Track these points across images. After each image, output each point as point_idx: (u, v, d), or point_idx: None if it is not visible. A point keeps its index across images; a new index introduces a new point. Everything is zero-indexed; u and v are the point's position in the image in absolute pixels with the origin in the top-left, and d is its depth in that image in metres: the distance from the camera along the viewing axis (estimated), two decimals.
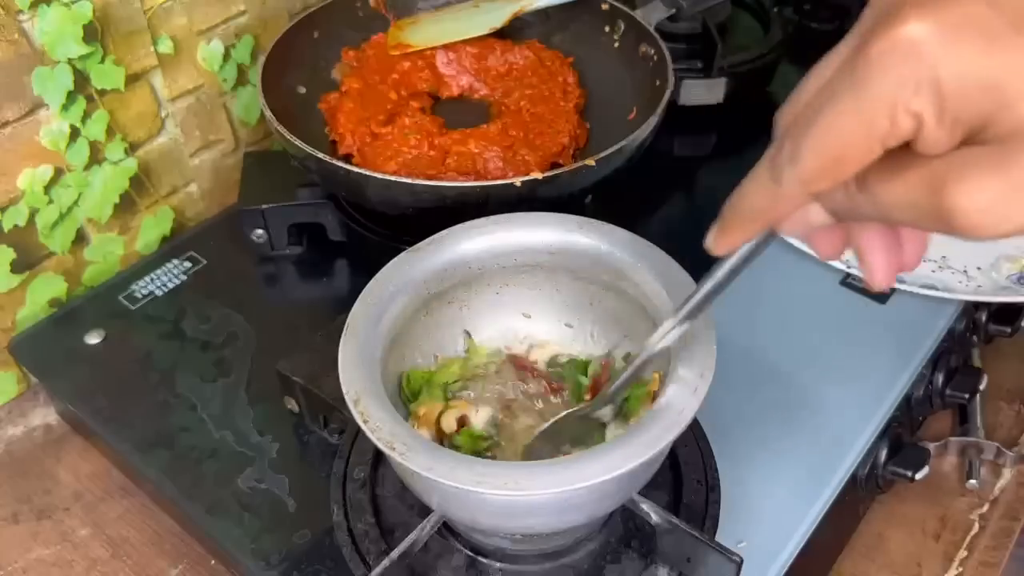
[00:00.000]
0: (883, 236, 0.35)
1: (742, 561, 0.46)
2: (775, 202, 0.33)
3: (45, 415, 0.71)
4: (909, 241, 0.36)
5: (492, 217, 0.53)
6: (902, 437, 0.62)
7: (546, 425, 0.50)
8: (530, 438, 0.50)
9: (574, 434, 0.49)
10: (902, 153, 0.30)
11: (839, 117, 0.29)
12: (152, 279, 0.72)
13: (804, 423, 0.59)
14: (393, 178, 0.64)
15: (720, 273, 0.39)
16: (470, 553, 0.51)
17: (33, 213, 0.69)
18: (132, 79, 0.72)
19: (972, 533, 0.63)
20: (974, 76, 0.27)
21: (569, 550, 0.51)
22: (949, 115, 0.28)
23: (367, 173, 0.64)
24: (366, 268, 0.50)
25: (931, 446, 0.66)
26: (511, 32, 0.82)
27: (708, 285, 0.40)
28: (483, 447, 0.50)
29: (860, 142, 0.29)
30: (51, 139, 0.68)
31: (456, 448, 0.49)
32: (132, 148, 0.74)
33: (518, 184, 0.63)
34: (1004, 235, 0.28)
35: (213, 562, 0.60)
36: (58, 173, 0.70)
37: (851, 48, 0.30)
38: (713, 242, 0.36)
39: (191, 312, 0.69)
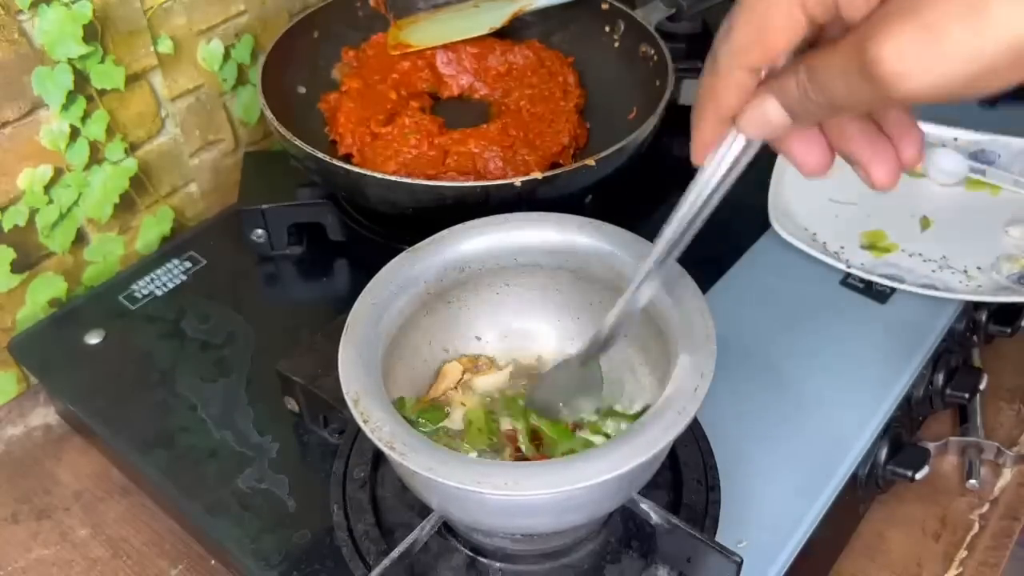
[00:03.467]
0: (867, 135, 0.36)
1: (742, 561, 0.46)
2: (716, 81, 0.35)
3: (45, 415, 0.71)
4: (901, 137, 0.37)
5: (492, 217, 0.53)
6: (902, 437, 0.62)
7: (544, 373, 0.51)
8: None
9: (571, 386, 0.50)
10: (836, 36, 0.31)
11: None
12: (152, 279, 0.72)
13: (804, 423, 0.59)
14: (393, 178, 0.64)
15: (699, 187, 0.39)
16: (470, 553, 0.51)
17: (33, 213, 0.69)
18: (132, 79, 0.72)
19: (972, 533, 0.63)
20: None
21: (569, 550, 0.51)
22: None
23: (367, 173, 0.64)
24: (366, 268, 0.50)
25: (931, 446, 0.66)
26: (511, 32, 0.82)
27: (691, 195, 0.39)
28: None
29: (781, 6, 0.32)
30: (51, 139, 0.68)
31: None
32: (132, 148, 0.74)
33: (518, 184, 0.63)
34: (928, 87, 0.29)
35: (213, 562, 0.60)
36: (58, 173, 0.70)
37: None
38: (693, 150, 0.38)
39: (191, 312, 0.69)
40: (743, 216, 0.71)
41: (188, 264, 0.73)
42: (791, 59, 0.34)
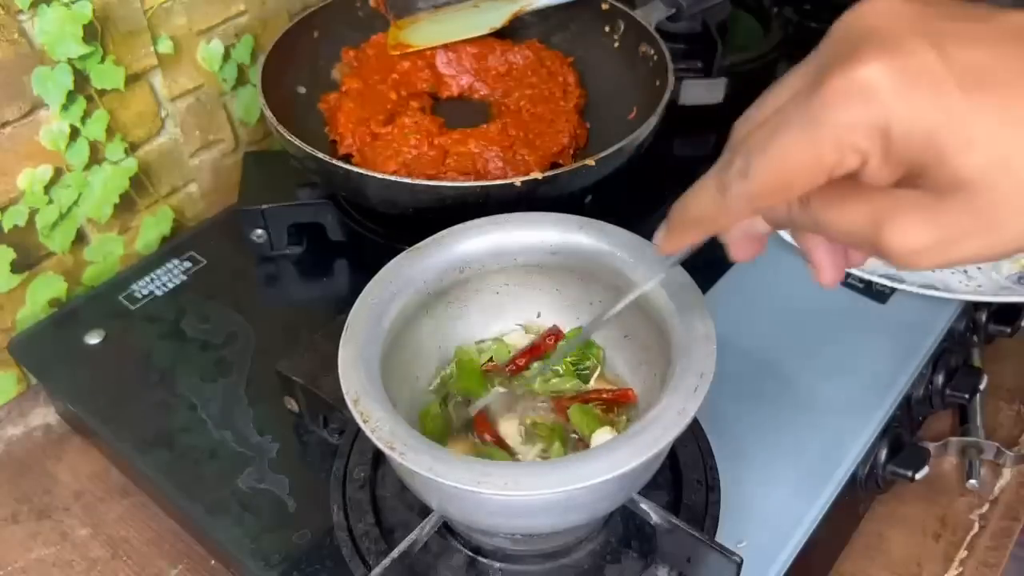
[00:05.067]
0: (826, 242, 0.37)
1: (742, 561, 0.46)
2: (720, 213, 0.35)
3: (45, 415, 0.71)
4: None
5: (492, 217, 0.53)
6: (902, 437, 0.62)
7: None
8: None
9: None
10: (844, 182, 0.31)
11: (790, 145, 0.31)
12: (152, 279, 0.72)
13: (804, 423, 0.59)
14: (393, 178, 0.64)
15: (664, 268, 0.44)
16: (470, 553, 0.51)
17: (33, 213, 0.69)
18: (132, 79, 0.72)
19: (972, 533, 0.63)
20: (919, 128, 0.29)
21: (569, 550, 0.51)
22: (893, 158, 0.29)
23: (367, 173, 0.64)
24: (366, 268, 0.50)
25: (931, 446, 0.66)
26: (511, 32, 0.82)
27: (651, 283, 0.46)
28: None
29: (807, 170, 0.31)
30: (51, 139, 0.68)
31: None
32: (132, 148, 0.74)
33: (518, 184, 0.63)
34: (930, 268, 0.32)
35: (213, 562, 0.60)
36: (58, 173, 0.70)
37: (808, 77, 0.32)
38: (661, 243, 0.39)
39: (191, 312, 0.69)
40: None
41: (188, 264, 0.73)
42: None
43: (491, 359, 0.54)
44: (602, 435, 0.50)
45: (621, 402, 0.52)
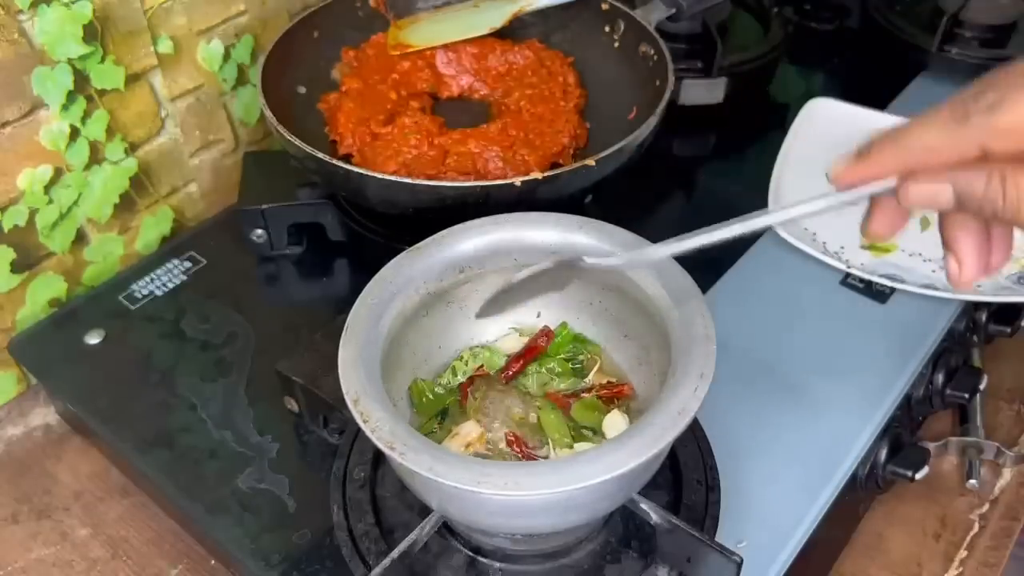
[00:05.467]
0: (978, 236, 0.36)
1: (742, 561, 0.46)
2: (945, 143, 0.34)
3: (45, 415, 0.71)
4: (999, 242, 0.37)
5: (492, 217, 0.53)
6: (902, 437, 0.62)
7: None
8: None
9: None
10: None
11: None
12: (152, 279, 0.72)
13: (804, 423, 0.59)
14: (393, 178, 0.64)
15: (809, 208, 0.38)
16: (470, 553, 0.51)
17: (33, 213, 0.69)
18: (132, 79, 0.72)
19: (972, 533, 0.63)
20: None
21: (569, 550, 0.51)
22: None
23: (367, 173, 0.64)
24: (366, 268, 0.50)
25: (931, 446, 0.66)
26: (511, 32, 0.82)
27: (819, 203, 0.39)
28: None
29: None
30: (51, 139, 0.68)
31: None
32: (132, 148, 0.74)
33: (518, 184, 0.63)
34: None
35: (213, 562, 0.60)
36: (58, 173, 0.70)
37: None
38: (846, 168, 0.37)
39: (191, 312, 0.69)
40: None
41: (188, 264, 0.73)
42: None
43: (482, 366, 0.54)
44: (614, 420, 0.50)
45: (619, 397, 0.52)
